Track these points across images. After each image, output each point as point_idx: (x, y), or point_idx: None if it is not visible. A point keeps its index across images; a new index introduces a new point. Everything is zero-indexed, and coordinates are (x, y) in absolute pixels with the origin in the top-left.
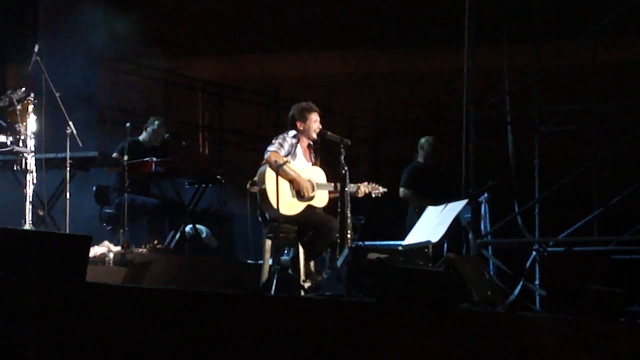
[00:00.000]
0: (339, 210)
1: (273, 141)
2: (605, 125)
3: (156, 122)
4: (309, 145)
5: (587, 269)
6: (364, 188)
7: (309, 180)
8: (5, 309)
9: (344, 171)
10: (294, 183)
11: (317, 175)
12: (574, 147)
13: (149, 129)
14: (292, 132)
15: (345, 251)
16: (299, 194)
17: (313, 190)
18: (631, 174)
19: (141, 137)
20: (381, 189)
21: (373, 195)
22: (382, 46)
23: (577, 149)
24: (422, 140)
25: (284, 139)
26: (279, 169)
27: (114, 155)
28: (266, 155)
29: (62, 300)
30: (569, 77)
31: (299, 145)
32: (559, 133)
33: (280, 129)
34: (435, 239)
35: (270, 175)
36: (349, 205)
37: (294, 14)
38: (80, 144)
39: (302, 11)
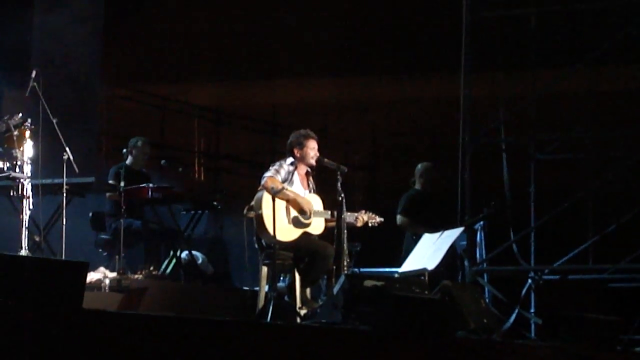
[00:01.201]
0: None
1: (270, 167)
2: (600, 154)
3: (139, 143)
4: (306, 173)
5: (582, 297)
6: (361, 217)
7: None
8: (2, 335)
9: (340, 198)
10: (293, 204)
11: (314, 202)
12: (569, 175)
13: (133, 152)
14: (290, 159)
15: (342, 278)
16: (296, 220)
17: (309, 217)
18: (626, 202)
19: (128, 161)
20: (378, 219)
21: (370, 225)
22: (378, 73)
23: (573, 176)
24: (419, 167)
25: (281, 166)
26: (276, 194)
27: (110, 181)
28: (263, 181)
29: (59, 327)
30: (564, 104)
31: (296, 172)
32: (555, 161)
33: (277, 155)
34: (431, 266)
35: (267, 201)
36: (345, 232)
37: (290, 41)
38: (77, 170)
39: (298, 38)
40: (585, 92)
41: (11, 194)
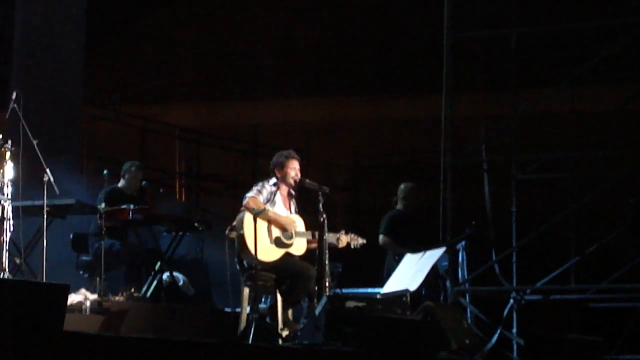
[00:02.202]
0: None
1: (252, 188)
2: (582, 174)
3: (132, 168)
4: (289, 194)
5: (564, 318)
6: (344, 238)
7: (287, 229)
8: None
9: (322, 219)
10: (275, 223)
11: (296, 223)
12: (551, 195)
13: (126, 176)
14: (273, 180)
15: (324, 299)
16: (278, 240)
17: (291, 238)
18: (608, 223)
19: (120, 184)
20: (360, 240)
21: (352, 246)
22: (359, 93)
23: (554, 197)
24: (402, 187)
25: (263, 186)
26: (258, 215)
27: (101, 204)
28: (245, 202)
29: (39, 349)
30: (545, 125)
31: (278, 193)
32: (536, 181)
33: (258, 176)
34: (413, 287)
35: (248, 221)
36: (327, 253)
37: (271, 61)
38: (57, 192)
39: (280, 59)
40: (567, 112)
41: None
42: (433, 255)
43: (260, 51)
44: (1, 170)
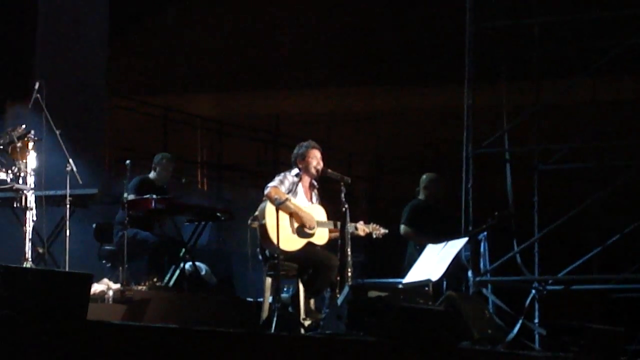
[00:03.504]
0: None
1: (274, 178)
2: (604, 164)
3: (164, 160)
4: (310, 185)
5: (586, 308)
6: (361, 227)
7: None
8: (6, 347)
9: (344, 209)
10: (295, 217)
11: (318, 213)
12: (573, 185)
13: (157, 168)
14: (295, 171)
15: (346, 289)
16: (300, 230)
17: (313, 227)
18: (630, 212)
19: (151, 176)
20: (382, 230)
21: (374, 236)
22: (381, 83)
23: (576, 187)
24: (424, 177)
25: (285, 177)
26: (280, 205)
27: (130, 194)
28: (266, 191)
29: (63, 339)
30: (567, 115)
31: (300, 183)
32: (558, 171)
33: (280, 166)
34: (435, 277)
35: (270, 210)
36: (349, 243)
37: (293, 51)
38: (80, 181)
39: (301, 49)
40: (589, 102)
41: (15, 205)
42: (455, 246)
43: (282, 41)
44: (24, 160)
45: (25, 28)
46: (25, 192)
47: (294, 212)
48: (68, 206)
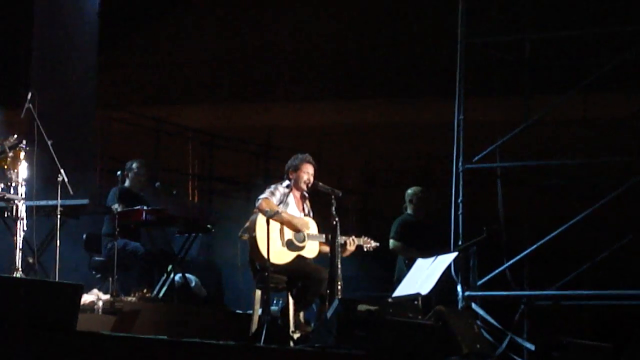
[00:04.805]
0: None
1: (266, 189)
2: (594, 180)
3: (134, 165)
4: (302, 197)
5: (575, 323)
6: (351, 240)
7: (300, 231)
8: None
9: (334, 222)
10: (289, 225)
11: (309, 225)
12: (563, 200)
13: (130, 175)
14: (286, 182)
15: (335, 302)
16: (290, 243)
17: (303, 240)
18: (620, 228)
19: (126, 184)
20: (373, 243)
21: (365, 249)
22: (372, 97)
23: (566, 203)
24: (410, 191)
25: (276, 188)
26: (271, 217)
27: (112, 205)
28: (257, 203)
29: (52, 349)
30: (558, 131)
31: (291, 195)
32: (548, 186)
33: (272, 178)
34: (425, 291)
35: (261, 223)
36: (339, 256)
37: (285, 64)
38: (71, 192)
39: (294, 62)
40: (579, 119)
41: (5, 215)
42: (445, 260)
43: (274, 54)
44: (15, 170)
45: (21, 39)
46: (16, 202)
47: (287, 221)
48: (59, 216)
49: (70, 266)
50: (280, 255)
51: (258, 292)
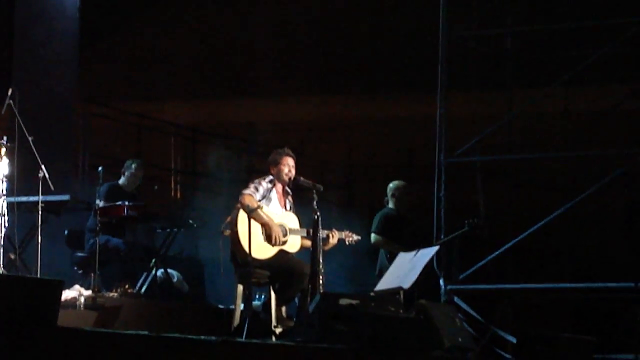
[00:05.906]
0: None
1: (249, 184)
2: (575, 173)
3: (133, 166)
4: (284, 192)
5: (557, 316)
6: (333, 233)
7: (281, 225)
8: None
9: (316, 216)
10: (265, 227)
11: (291, 220)
12: (544, 194)
13: (126, 173)
14: (269, 177)
15: (317, 297)
16: (270, 239)
17: (285, 235)
18: (602, 222)
19: (120, 182)
20: (355, 237)
21: (347, 243)
22: (354, 92)
23: (548, 196)
24: (391, 185)
25: (259, 183)
26: (251, 213)
27: (100, 200)
28: (240, 198)
29: (33, 345)
30: (539, 124)
31: (274, 190)
32: (531, 179)
33: (254, 173)
34: (406, 285)
35: (242, 218)
36: (321, 250)
37: (267, 59)
38: (53, 188)
39: (275, 57)
40: (560, 112)
41: None
42: (427, 254)
43: (256, 49)
44: None
45: (1, 35)
46: None
47: (265, 223)
48: (40, 213)
49: (52, 262)
50: (262, 250)
51: (240, 287)
